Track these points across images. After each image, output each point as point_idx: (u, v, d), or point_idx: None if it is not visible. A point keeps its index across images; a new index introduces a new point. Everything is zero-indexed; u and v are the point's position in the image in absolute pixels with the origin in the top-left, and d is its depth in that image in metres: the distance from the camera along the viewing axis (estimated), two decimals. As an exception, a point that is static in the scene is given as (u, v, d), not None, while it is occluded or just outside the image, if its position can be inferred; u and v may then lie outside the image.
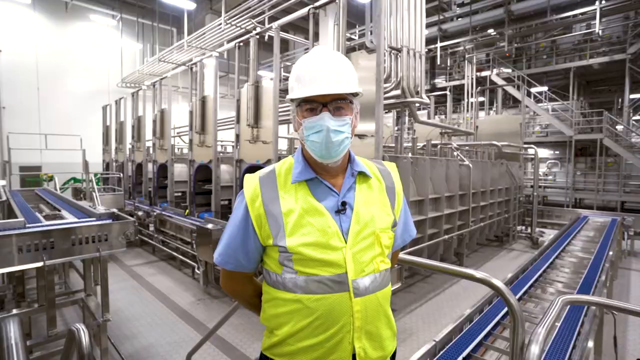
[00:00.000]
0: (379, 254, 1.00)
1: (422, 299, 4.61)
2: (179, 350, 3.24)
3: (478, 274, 1.18)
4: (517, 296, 3.06)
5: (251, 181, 1.03)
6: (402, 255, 1.39)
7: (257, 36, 5.50)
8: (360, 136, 4.03)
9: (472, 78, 10.02)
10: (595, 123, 12.21)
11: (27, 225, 2.49)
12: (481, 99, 13.81)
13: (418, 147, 6.59)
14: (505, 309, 2.83)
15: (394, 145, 5.47)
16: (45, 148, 9.62)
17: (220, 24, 9.14)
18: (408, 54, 4.29)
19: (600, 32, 11.70)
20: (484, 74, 13.30)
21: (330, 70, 0.96)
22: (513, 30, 13.35)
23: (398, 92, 4.38)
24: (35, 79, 13.21)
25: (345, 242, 0.95)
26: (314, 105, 0.96)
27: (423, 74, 4.54)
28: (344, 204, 0.99)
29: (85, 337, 0.96)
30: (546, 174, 13.80)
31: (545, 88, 13.83)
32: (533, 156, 8.24)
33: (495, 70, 13.57)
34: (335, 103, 0.96)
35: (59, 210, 3.53)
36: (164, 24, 15.29)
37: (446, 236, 4.97)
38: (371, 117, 3.87)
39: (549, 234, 7.49)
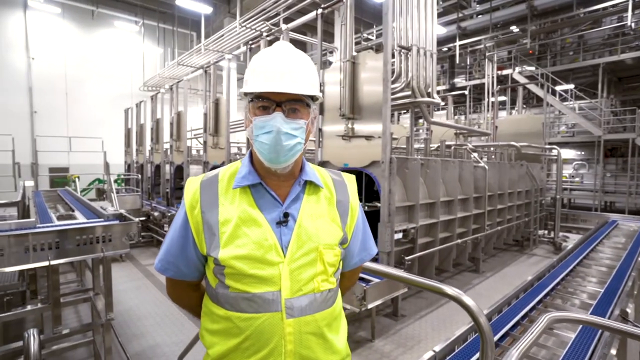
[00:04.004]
0: (320, 272, 0.92)
1: (434, 304, 4.47)
2: (184, 350, 3.27)
3: (449, 289, 1.09)
4: (530, 305, 2.90)
5: (191, 186, 0.97)
6: (367, 264, 1.32)
7: (268, 38, 5.53)
8: (367, 137, 3.96)
9: (492, 77, 9.68)
10: (628, 122, 11.56)
11: (38, 226, 2.59)
12: (502, 98, 13.35)
13: (432, 148, 6.43)
14: (517, 318, 2.69)
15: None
16: (70, 150, 10.02)
17: (235, 27, 9.25)
18: (418, 53, 4.18)
19: (633, 24, 11.05)
20: (505, 72, 12.84)
21: (289, 68, 0.89)
22: (536, 26, 12.84)
23: (408, 92, 4.29)
24: (63, 84, 13.85)
25: (284, 257, 0.89)
26: (267, 103, 0.89)
27: (434, 73, 4.42)
28: (286, 215, 0.92)
29: (34, 345, 0.95)
30: (572, 176, 13.17)
31: (571, 86, 13.21)
32: (556, 157, 7.87)
33: (517, 69, 13.09)
34: (291, 104, 0.89)
35: (73, 211, 3.66)
36: (183, 28, 15.69)
37: (459, 240, 4.80)
38: (378, 117, 3.80)
39: (574, 239, 7.14)
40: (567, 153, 12.93)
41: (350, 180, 1.08)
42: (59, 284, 2.52)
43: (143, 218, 7.04)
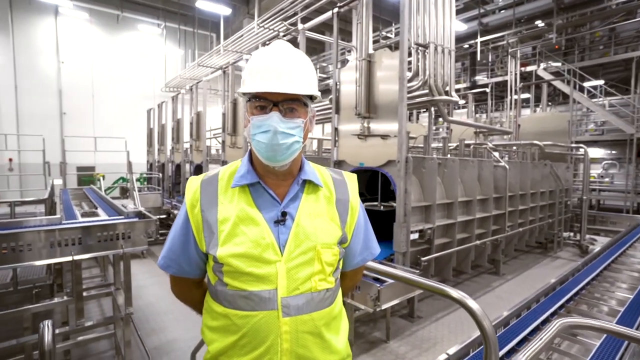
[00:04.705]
0: (318, 272, 0.92)
1: (452, 306, 4.38)
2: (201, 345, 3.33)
3: (454, 292, 1.05)
4: (551, 310, 2.80)
5: (192, 185, 0.99)
6: (372, 264, 1.30)
7: (285, 38, 5.56)
8: (383, 136, 3.91)
9: (515, 74, 9.36)
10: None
11: (63, 222, 2.70)
12: (526, 95, 12.90)
13: (451, 147, 6.29)
14: (536, 323, 2.60)
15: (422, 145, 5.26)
16: (96, 150, 10.43)
17: (254, 27, 9.35)
18: (436, 51, 4.10)
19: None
20: (529, 68, 12.39)
21: (286, 68, 0.89)
22: (563, 20, 12.33)
23: (426, 90, 4.21)
24: (90, 86, 14.42)
25: (282, 256, 0.89)
26: (264, 103, 0.89)
27: (453, 71, 4.31)
28: (284, 214, 0.92)
29: (47, 335, 1.00)
30: (602, 176, 12.58)
31: (601, 82, 12.62)
32: (583, 156, 7.53)
33: (542, 65, 12.60)
34: (288, 103, 0.89)
35: (96, 208, 3.80)
36: (203, 29, 16.00)
37: (478, 241, 4.68)
38: (395, 116, 3.75)
39: (602, 242, 6.83)
40: (596, 152, 12.35)
41: (351, 179, 1.07)
42: (81, 279, 2.63)
43: (164, 216, 7.23)
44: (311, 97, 0.95)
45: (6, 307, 2.76)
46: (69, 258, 2.44)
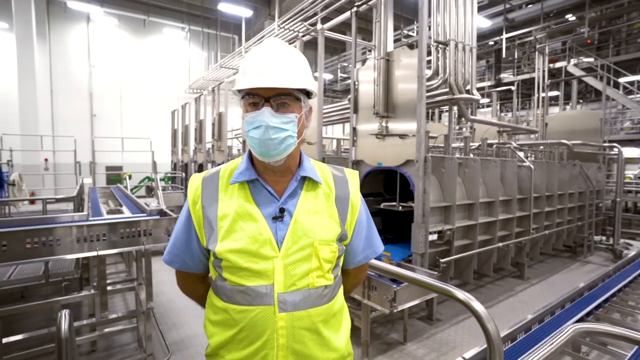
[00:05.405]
0: (315, 268, 0.92)
1: (472, 310, 4.27)
2: (219, 341, 3.40)
3: (459, 293, 1.02)
4: (577, 317, 2.67)
5: (194, 182, 1.01)
6: (377, 262, 1.28)
7: (304, 38, 5.59)
8: (402, 136, 3.86)
9: (543, 70, 8.98)
10: None
11: (90, 219, 2.83)
12: (555, 93, 12.38)
13: (473, 147, 6.13)
14: (559, 330, 2.49)
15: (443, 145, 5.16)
16: (123, 150, 10.85)
17: (274, 29, 9.45)
18: (456, 48, 4.00)
19: None
20: (558, 65, 11.88)
21: (277, 63, 0.89)
22: (596, 13, 11.74)
23: (446, 89, 4.12)
24: (118, 88, 15.03)
25: (279, 252, 0.90)
26: (256, 99, 0.90)
27: (474, 69, 4.20)
28: (282, 210, 0.93)
29: (64, 324, 1.05)
30: (639, 177, 11.88)
31: (638, 77, 11.92)
32: (617, 156, 7.14)
33: (572, 61, 12.05)
34: (280, 98, 0.90)
35: (121, 206, 3.95)
36: (225, 32, 16.31)
37: (500, 244, 4.53)
38: (413, 116, 3.69)
39: (638, 247, 6.47)
40: (632, 152, 11.68)
41: (352, 176, 1.07)
42: (105, 274, 2.74)
43: (186, 214, 7.41)
44: (308, 94, 0.95)
45: (38, 299, 2.92)
46: (94, 253, 2.55)
